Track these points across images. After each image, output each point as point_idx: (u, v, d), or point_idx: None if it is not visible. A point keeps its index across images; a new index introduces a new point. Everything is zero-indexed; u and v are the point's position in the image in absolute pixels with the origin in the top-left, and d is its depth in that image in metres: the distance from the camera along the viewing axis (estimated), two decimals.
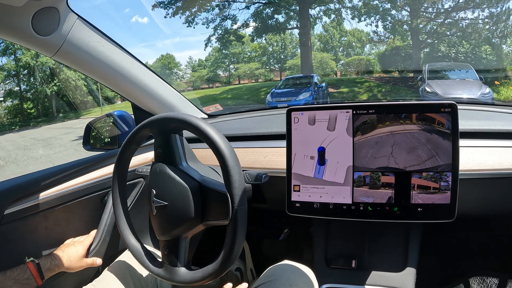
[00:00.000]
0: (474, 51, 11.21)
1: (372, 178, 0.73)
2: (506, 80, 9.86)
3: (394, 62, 12.90)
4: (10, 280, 0.71)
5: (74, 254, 0.83)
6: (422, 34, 12.62)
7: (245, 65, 17.78)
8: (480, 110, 0.95)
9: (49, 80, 16.92)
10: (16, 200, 0.80)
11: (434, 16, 12.18)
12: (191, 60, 20.98)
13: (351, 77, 13.70)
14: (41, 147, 8.99)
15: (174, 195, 0.66)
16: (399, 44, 13.35)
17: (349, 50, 16.03)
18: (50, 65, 16.60)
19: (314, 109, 0.77)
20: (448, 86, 7.24)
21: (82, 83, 17.26)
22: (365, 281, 0.83)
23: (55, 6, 0.73)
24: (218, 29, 14.36)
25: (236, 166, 0.62)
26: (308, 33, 13.52)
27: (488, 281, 1.10)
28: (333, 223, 0.95)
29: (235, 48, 17.38)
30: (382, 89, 11.36)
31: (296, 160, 0.78)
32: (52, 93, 16.84)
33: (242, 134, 1.03)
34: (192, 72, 20.13)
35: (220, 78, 18.35)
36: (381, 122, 0.73)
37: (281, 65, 17.34)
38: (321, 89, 9.61)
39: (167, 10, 13.27)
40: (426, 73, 8.04)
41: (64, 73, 16.75)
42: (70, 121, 15.56)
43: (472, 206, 0.79)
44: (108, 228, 0.94)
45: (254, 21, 14.11)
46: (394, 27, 13.16)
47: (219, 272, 0.62)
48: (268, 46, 17.59)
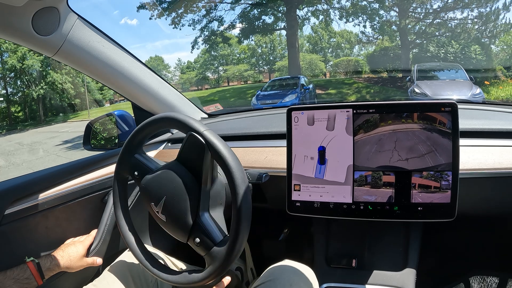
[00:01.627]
0: (463, 51, 11.18)
1: (373, 177, 0.73)
2: (496, 80, 9.82)
3: (383, 62, 12.87)
4: (10, 279, 0.71)
5: (74, 253, 0.83)
6: (411, 34, 12.58)
7: (234, 67, 17.74)
8: (480, 110, 0.95)
9: (35, 83, 16.75)
10: (16, 200, 0.79)
11: (423, 17, 12.15)
12: (180, 62, 21.01)
13: (339, 78, 13.66)
14: (25, 152, 8.85)
15: (170, 190, 0.66)
16: (387, 45, 13.31)
17: (338, 51, 16.05)
18: (37, 67, 16.42)
19: (315, 108, 0.77)
20: (437, 86, 7.02)
21: (69, 86, 17.16)
22: (365, 280, 0.83)
23: (55, 6, 0.73)
24: (204, 30, 14.23)
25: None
26: (295, 34, 13.41)
27: (488, 281, 1.10)
28: (333, 223, 0.95)
29: (224, 50, 17.31)
30: (371, 90, 11.31)
31: (297, 161, 0.78)
32: (38, 96, 16.67)
33: (242, 133, 1.03)
34: (181, 74, 20.08)
35: (209, 80, 18.25)
36: (382, 121, 0.73)
37: (270, 66, 17.29)
38: (308, 91, 9.44)
39: (152, 11, 13.16)
40: (415, 73, 7.82)
41: (51, 76, 16.59)
42: (58, 124, 15.51)
43: (472, 206, 0.79)
44: (108, 228, 0.94)
45: (240, 22, 14.00)
46: (382, 27, 13.11)
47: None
48: (257, 48, 17.57)
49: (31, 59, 16.04)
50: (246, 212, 0.61)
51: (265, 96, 8.98)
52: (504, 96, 8.47)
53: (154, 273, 0.71)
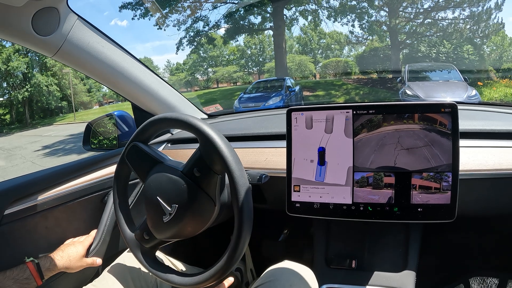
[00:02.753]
0: (455, 51, 10.94)
1: (375, 178, 0.73)
2: (489, 80, 9.62)
3: (373, 63, 12.64)
4: (10, 280, 0.71)
5: (74, 254, 0.83)
6: (401, 34, 12.34)
7: (223, 68, 17.54)
8: (480, 110, 0.95)
9: (21, 86, 16.42)
10: (16, 200, 0.79)
11: (413, 16, 11.93)
12: (169, 64, 20.80)
13: (328, 80, 13.44)
14: (2, 158, 8.55)
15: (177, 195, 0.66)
16: (377, 45, 13.08)
17: (328, 52, 15.85)
18: (22, 69, 16.15)
19: (315, 109, 0.77)
20: (430, 88, 6.65)
21: (55, 88, 16.93)
22: (365, 281, 0.83)
23: (55, 6, 0.73)
24: (190, 31, 13.81)
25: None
26: (282, 34, 13.12)
27: (488, 281, 1.10)
28: (333, 223, 0.95)
29: (213, 51, 17.10)
30: (360, 92, 11.10)
31: (296, 165, 0.78)
32: (23, 99, 16.42)
33: (242, 134, 1.03)
34: (169, 76, 19.84)
35: (198, 81, 18.06)
36: (383, 122, 0.72)
37: (260, 68, 17.08)
38: (294, 93, 9.13)
39: (134, 11, 12.76)
40: (406, 74, 7.39)
41: (36, 78, 16.33)
42: (43, 127, 15.27)
43: (472, 206, 0.79)
44: (108, 228, 0.94)
45: (226, 22, 13.64)
46: (371, 26, 12.85)
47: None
48: (246, 49, 17.38)
49: (16, 60, 15.82)
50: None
51: (248, 99, 8.58)
52: (497, 97, 8.31)
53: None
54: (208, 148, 0.62)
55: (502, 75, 9.80)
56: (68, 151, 8.75)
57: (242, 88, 13.79)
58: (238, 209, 0.61)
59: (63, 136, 11.30)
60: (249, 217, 0.61)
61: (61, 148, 9.51)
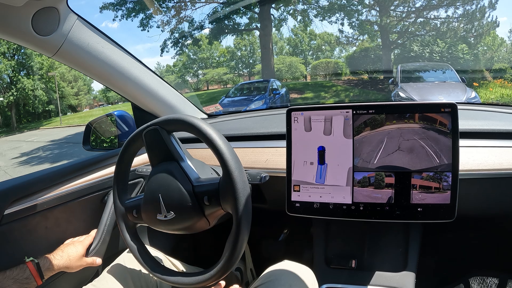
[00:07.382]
0: (450, 50, 10.46)
1: (376, 178, 0.73)
2: (484, 81, 9.31)
3: (363, 64, 12.18)
4: (10, 279, 0.71)
5: (74, 253, 0.83)
6: (393, 34, 11.89)
7: (213, 70, 17.31)
8: (480, 110, 0.95)
9: (7, 90, 16.22)
10: (16, 200, 0.79)
11: (405, 16, 11.56)
12: (159, 66, 20.42)
13: (318, 81, 13.10)
14: None
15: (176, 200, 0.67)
16: (368, 45, 12.67)
17: (318, 53, 15.56)
18: (8, 73, 15.96)
19: (314, 109, 0.77)
20: (425, 90, 6.07)
21: (41, 92, 16.57)
22: (365, 281, 0.83)
23: (55, 6, 0.73)
24: (174, 32, 13.28)
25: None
26: (269, 35, 12.72)
27: (488, 281, 1.10)
28: (333, 223, 0.95)
29: (203, 53, 16.82)
30: (350, 93, 10.74)
31: (296, 167, 0.78)
32: (9, 104, 16.19)
33: (242, 134, 1.03)
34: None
35: (188, 83, 17.80)
36: (382, 122, 0.73)
37: (250, 69, 16.87)
38: (279, 95, 8.65)
39: (116, 12, 12.30)
40: (398, 74, 6.78)
41: (21, 82, 16.08)
42: (29, 132, 14.98)
43: (472, 206, 0.79)
44: (108, 228, 0.94)
45: (211, 23, 13.18)
46: (362, 25, 12.47)
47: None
48: (236, 51, 17.17)
49: (1, 64, 15.60)
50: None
51: (228, 103, 8.07)
52: (494, 98, 8.01)
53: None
54: (227, 185, 0.62)
55: (493, 76, 9.46)
56: (42, 160, 8.32)
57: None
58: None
59: (45, 142, 10.92)
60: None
61: (37, 156, 9.01)
